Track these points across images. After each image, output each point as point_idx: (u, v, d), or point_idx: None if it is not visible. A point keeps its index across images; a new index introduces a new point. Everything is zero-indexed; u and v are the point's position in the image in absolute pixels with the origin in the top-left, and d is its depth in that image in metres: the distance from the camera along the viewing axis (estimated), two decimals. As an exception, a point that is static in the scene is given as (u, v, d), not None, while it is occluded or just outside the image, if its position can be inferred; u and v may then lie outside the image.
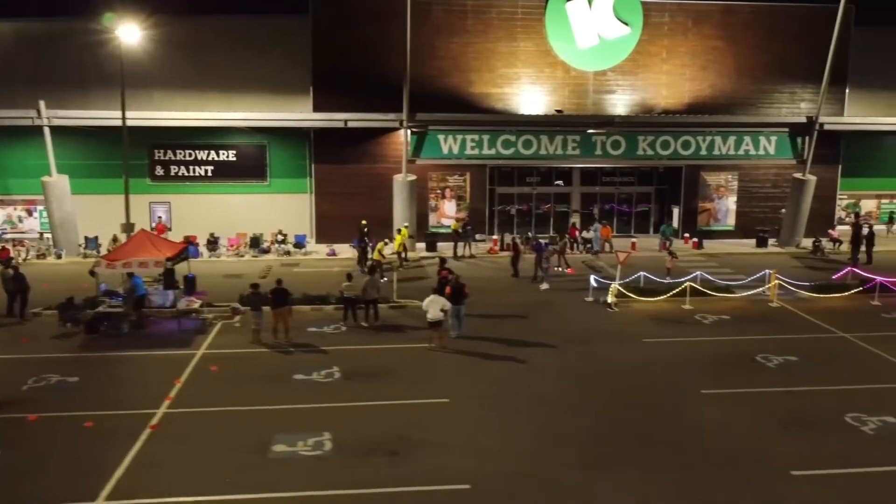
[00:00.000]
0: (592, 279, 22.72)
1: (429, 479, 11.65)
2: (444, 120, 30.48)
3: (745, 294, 22.99)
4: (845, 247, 29.54)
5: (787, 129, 32.36)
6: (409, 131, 30.05)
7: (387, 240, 25.70)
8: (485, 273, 26.98)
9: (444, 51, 31.42)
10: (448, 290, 18.66)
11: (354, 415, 14.14)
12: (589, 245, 30.52)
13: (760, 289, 22.91)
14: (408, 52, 27.81)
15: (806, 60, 32.35)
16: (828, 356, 17.71)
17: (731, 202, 33.95)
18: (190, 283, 21.21)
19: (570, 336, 19.12)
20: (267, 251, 29.83)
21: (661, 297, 22.11)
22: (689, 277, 22.93)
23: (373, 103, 29.94)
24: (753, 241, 32.37)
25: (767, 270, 23.14)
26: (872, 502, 11.07)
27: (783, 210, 32.75)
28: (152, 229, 29.64)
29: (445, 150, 31.32)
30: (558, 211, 34.30)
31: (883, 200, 36.66)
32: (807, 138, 31.86)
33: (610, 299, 21.74)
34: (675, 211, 33.96)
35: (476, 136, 31.20)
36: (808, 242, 31.47)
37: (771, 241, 32.31)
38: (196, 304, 20.16)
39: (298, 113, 30.55)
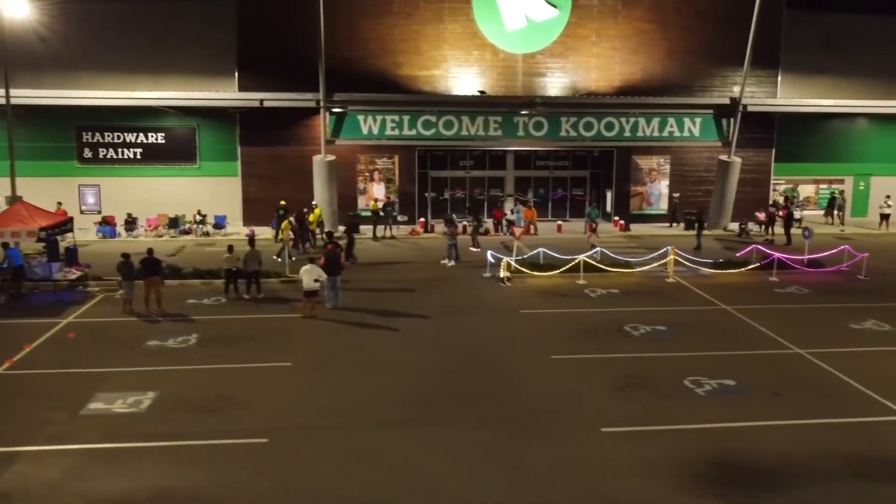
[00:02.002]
0: (489, 255, 22.60)
1: (230, 434, 11.56)
2: (362, 100, 30.35)
3: (645, 270, 22.87)
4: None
5: (711, 111, 32.23)
6: (326, 112, 29.86)
7: (291, 218, 25.55)
8: (398, 252, 26.92)
9: (371, 33, 31.29)
10: (322, 261, 18.57)
11: (190, 377, 14.04)
12: (512, 226, 30.34)
13: (656, 264, 22.78)
14: (321, 31, 27.68)
15: (738, 44, 32.00)
16: (698, 326, 17.60)
17: (663, 186, 33.82)
18: (71, 255, 21.10)
19: (450, 308, 19.04)
20: (188, 232, 29.73)
21: (556, 272, 21.98)
22: (589, 253, 22.84)
23: (297, 85, 29.81)
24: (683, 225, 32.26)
25: (668, 247, 23.03)
26: (667, 453, 10.95)
27: (676, 195, 32.67)
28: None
29: (365, 131, 31.20)
30: (493, 195, 34.21)
31: (821, 186, 36.53)
32: (732, 120, 31.69)
33: (502, 274, 21.63)
34: (609, 195, 33.85)
35: (396, 117, 31.08)
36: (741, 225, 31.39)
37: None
38: (75, 274, 20.05)
39: (212, 92, 30.21)
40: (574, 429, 11.87)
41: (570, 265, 21.89)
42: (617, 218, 32.57)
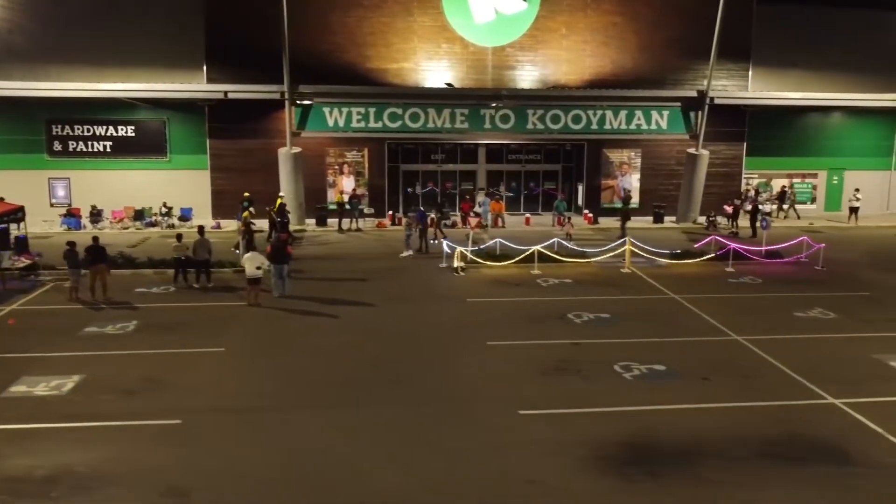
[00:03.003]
0: (445, 245, 22.60)
1: (145, 415, 11.53)
2: (327, 92, 30.33)
3: (602, 261, 22.87)
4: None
5: (679, 104, 32.22)
6: (291, 104, 29.82)
7: (251, 209, 25.53)
8: (361, 244, 26.93)
9: (340, 26, 31.27)
10: (268, 249, 18.57)
11: (120, 361, 14.01)
12: (480, 219, 30.34)
13: (612, 254, 22.78)
14: (285, 22, 27.67)
15: (709, 37, 31.84)
16: (642, 314, 17.58)
17: (634, 179, 33.81)
18: (21, 244, 21.09)
19: (398, 297, 19.03)
20: (154, 224, 29.72)
21: (512, 262, 21.99)
22: (545, 244, 22.83)
23: (265, 77, 29.79)
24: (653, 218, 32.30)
25: (625, 238, 23.02)
26: (580, 434, 10.94)
27: (629, 189, 32.64)
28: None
29: (331, 123, 31.18)
30: (464, 189, 34.20)
31: (794, 179, 36.50)
32: (699, 113, 31.67)
33: (455, 264, 21.63)
34: (580, 188, 33.83)
35: (362, 109, 31.06)
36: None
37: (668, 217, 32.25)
38: (24, 263, 20.05)
39: (178, 84, 30.12)
40: (493, 411, 11.85)
41: (524, 255, 21.86)
42: (586, 211, 32.55)
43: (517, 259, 22.02)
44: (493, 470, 9.94)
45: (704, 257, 22.90)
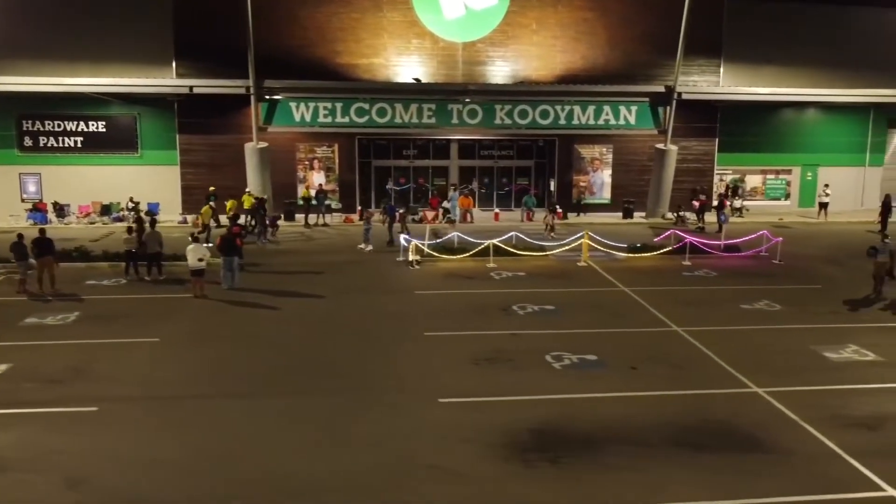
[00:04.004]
0: (402, 239, 22.61)
1: (64, 402, 11.53)
2: (292, 87, 30.33)
3: (560, 255, 22.88)
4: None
5: (647, 100, 32.20)
6: (257, 99, 29.81)
7: (212, 203, 25.56)
8: (324, 239, 26.95)
9: (310, 21, 31.27)
10: (219, 241, 18.57)
11: (52, 351, 14.00)
12: (448, 215, 30.42)
13: (568, 248, 22.81)
14: (249, 17, 27.69)
15: (679, 33, 32.13)
16: (588, 306, 17.59)
17: (606, 175, 33.81)
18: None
19: (349, 289, 19.04)
20: (121, 219, 29.71)
21: (468, 256, 22.00)
22: (504, 237, 22.84)
23: (234, 72, 29.79)
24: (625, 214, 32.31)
25: (580, 232, 23.04)
26: (494, 421, 10.92)
27: (584, 183, 32.62)
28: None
29: (297, 118, 31.17)
30: (437, 185, 34.21)
31: (768, 176, 36.53)
32: (667, 108, 31.67)
33: (411, 257, 21.64)
34: (552, 184, 33.83)
35: (329, 104, 31.06)
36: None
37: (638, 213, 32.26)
38: (-26, 256, 20.07)
39: (141, 79, 30.05)
40: (414, 399, 11.86)
41: (479, 249, 21.87)
42: (558, 207, 32.49)
43: (473, 252, 22.02)
44: (399, 456, 9.94)
45: (662, 251, 22.91)
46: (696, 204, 30.74)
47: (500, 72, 32.39)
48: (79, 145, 32.47)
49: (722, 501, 8.82)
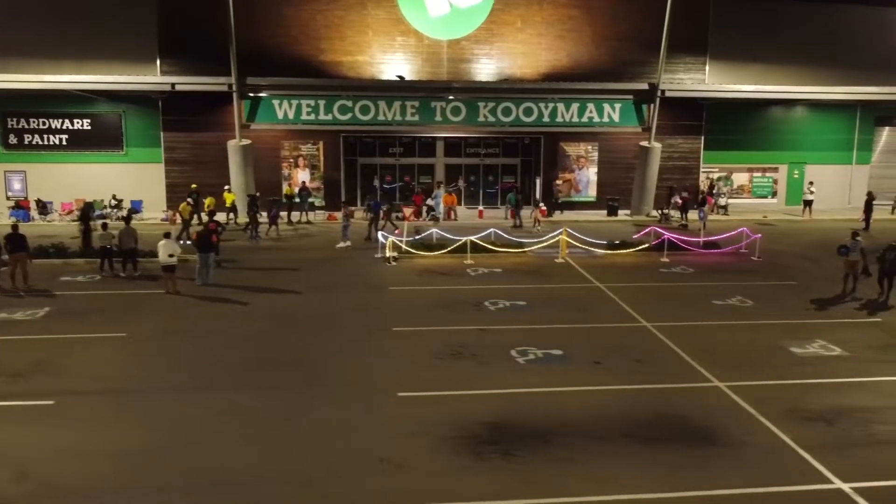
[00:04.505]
0: (380, 235, 22.61)
1: (22, 396, 11.52)
2: (274, 84, 30.33)
3: (538, 251, 22.88)
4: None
5: (631, 97, 32.20)
6: (240, 96, 29.79)
7: (189, 200, 25.57)
8: (305, 236, 26.96)
9: (294, 19, 31.28)
10: (194, 237, 18.56)
11: (17, 346, 13.96)
12: (432, 212, 30.43)
13: (547, 244, 22.82)
14: (231, 13, 27.68)
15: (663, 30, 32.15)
16: (559, 302, 17.58)
17: (591, 173, 33.81)
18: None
19: (323, 286, 19.04)
20: (104, 217, 29.62)
21: (445, 252, 22.02)
22: (482, 234, 22.85)
23: (218, 70, 29.77)
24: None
25: (560, 229, 23.05)
26: (451, 415, 10.91)
27: (558, 182, 32.61)
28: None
29: (280, 116, 31.20)
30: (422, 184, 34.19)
31: (755, 174, 36.54)
32: (651, 106, 31.67)
33: (388, 254, 21.64)
34: (538, 182, 33.81)
35: (312, 102, 31.06)
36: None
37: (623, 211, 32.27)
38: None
39: (123, 76, 30.00)
40: (373, 393, 11.84)
41: (456, 245, 21.88)
42: (542, 204, 32.47)
43: (451, 249, 22.02)
44: (351, 449, 9.93)
45: (641, 247, 22.91)
46: (680, 201, 30.75)
47: (485, 69, 32.38)
48: (64, 143, 32.52)
49: (665, 494, 8.82)
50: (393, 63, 31.87)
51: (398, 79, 31.10)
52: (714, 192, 33.92)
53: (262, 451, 9.83)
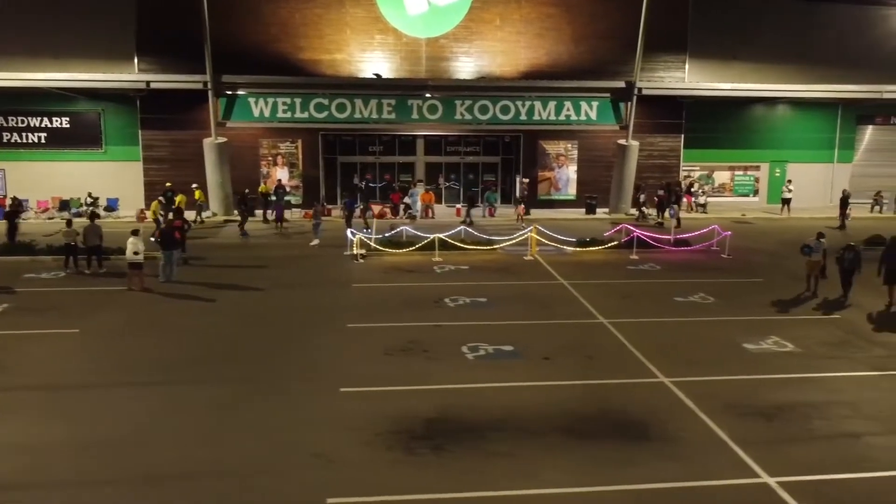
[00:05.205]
0: (349, 233, 22.61)
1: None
2: (249, 82, 30.32)
3: (508, 249, 22.88)
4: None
5: (608, 95, 32.17)
6: (215, 94, 29.76)
7: (161, 198, 25.57)
8: (280, 234, 26.94)
9: (272, 17, 31.24)
10: (157, 233, 18.56)
11: (-31, 342, 14.01)
12: (409, 210, 30.41)
13: (515, 241, 22.84)
14: (205, 11, 27.64)
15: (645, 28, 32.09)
16: (520, 298, 17.56)
17: (571, 171, 33.79)
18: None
19: (287, 282, 19.04)
20: (81, 215, 29.65)
21: (414, 249, 22.02)
22: (451, 232, 22.83)
23: (196, 68, 29.73)
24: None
25: (528, 228, 23.04)
26: (390, 410, 10.90)
27: (526, 180, 32.66)
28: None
29: (256, 114, 31.18)
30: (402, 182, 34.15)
31: (737, 172, 36.53)
32: (629, 104, 31.65)
33: (355, 251, 21.64)
34: (518, 180, 33.78)
35: (287, 100, 31.05)
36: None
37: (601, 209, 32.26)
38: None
39: (97, 74, 29.93)
40: (317, 388, 11.84)
41: (425, 242, 21.89)
42: (521, 204, 32.47)
43: (420, 246, 22.01)
44: (285, 443, 9.92)
45: (610, 245, 22.91)
46: (656, 199, 30.74)
47: (463, 68, 32.36)
48: (43, 141, 32.48)
49: (586, 488, 8.82)
50: (372, 61, 31.85)
51: (375, 77, 31.06)
52: (692, 190, 33.94)
53: (197, 446, 9.83)
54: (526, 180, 32.61)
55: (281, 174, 32.16)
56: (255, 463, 9.35)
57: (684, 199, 33.09)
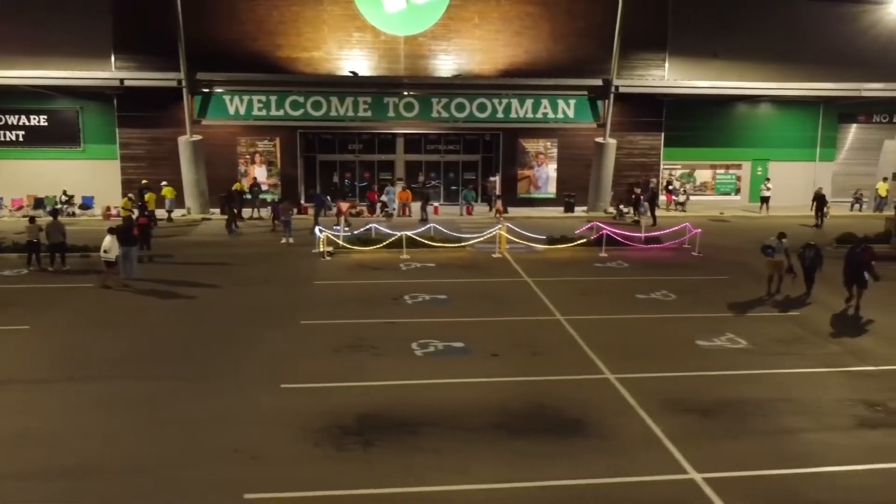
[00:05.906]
0: (317, 230, 22.53)
1: None
2: (225, 80, 30.22)
3: (477, 246, 22.82)
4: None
5: (585, 93, 32.08)
6: (190, 91, 29.67)
7: (130, 195, 25.50)
8: (250, 232, 26.92)
9: (249, 14, 31.15)
10: (117, 229, 18.49)
11: (-84, 339, 13.93)
12: (386, 208, 30.34)
13: (484, 239, 22.78)
14: (179, 8, 27.56)
15: (625, 26, 31.92)
16: (481, 296, 17.47)
17: (551, 169, 33.71)
18: None
19: (250, 280, 18.98)
20: (57, 212, 29.52)
21: (381, 247, 21.96)
22: (420, 230, 22.76)
23: (172, 66, 29.60)
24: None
25: (498, 225, 22.97)
26: (326, 407, 10.82)
27: (492, 179, 32.44)
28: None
29: (232, 111, 31.06)
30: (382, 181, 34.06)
31: (718, 171, 36.45)
32: (606, 102, 31.56)
33: (321, 249, 21.57)
34: (497, 178, 33.71)
35: (263, 98, 30.95)
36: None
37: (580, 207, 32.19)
38: None
39: (70, 71, 29.67)
40: (257, 385, 11.76)
41: (392, 240, 21.83)
42: (500, 202, 32.38)
43: (387, 244, 21.94)
44: (211, 439, 9.84)
45: (580, 242, 22.83)
46: (633, 197, 30.66)
47: (442, 66, 32.27)
48: (20, 139, 32.38)
49: (514, 483, 8.75)
50: (350, 59, 31.76)
51: (351, 75, 30.97)
52: (671, 188, 33.88)
53: (123, 442, 9.75)
54: (493, 179, 32.56)
55: (259, 172, 32.05)
56: (175, 459, 9.27)
57: (663, 198, 33.04)
